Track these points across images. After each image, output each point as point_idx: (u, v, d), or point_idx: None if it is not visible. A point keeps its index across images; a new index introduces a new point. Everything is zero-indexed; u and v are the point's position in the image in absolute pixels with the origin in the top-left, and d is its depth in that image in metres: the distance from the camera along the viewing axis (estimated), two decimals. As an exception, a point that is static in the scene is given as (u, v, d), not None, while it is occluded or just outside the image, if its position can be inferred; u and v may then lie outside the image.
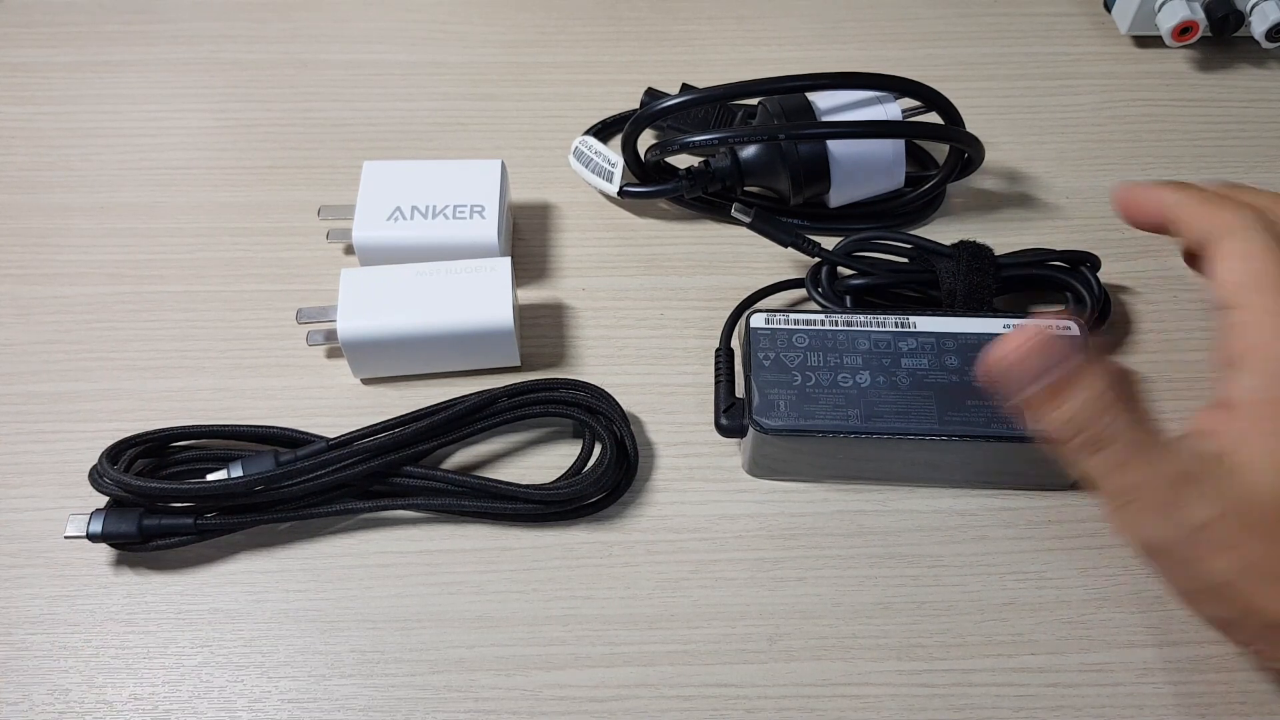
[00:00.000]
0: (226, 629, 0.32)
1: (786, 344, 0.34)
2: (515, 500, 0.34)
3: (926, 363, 0.34)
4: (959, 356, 0.34)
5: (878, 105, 0.40)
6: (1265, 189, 0.31)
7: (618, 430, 0.35)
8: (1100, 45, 0.49)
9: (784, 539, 0.34)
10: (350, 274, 0.36)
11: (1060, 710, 0.31)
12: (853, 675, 0.32)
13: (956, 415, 0.33)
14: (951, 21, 0.50)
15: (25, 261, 0.41)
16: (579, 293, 0.40)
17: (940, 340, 0.34)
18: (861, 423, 0.32)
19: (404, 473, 0.34)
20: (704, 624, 0.32)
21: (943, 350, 0.34)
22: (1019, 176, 0.44)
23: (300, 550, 0.34)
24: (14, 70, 0.47)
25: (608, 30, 0.49)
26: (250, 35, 0.49)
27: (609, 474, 0.34)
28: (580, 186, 0.43)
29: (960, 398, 0.33)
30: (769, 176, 0.40)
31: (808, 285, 0.38)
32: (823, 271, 0.38)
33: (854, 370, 0.33)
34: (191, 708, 0.31)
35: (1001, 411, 0.32)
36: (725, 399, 0.35)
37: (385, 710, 0.31)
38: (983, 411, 0.33)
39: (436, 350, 0.36)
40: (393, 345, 0.36)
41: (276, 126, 0.45)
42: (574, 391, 0.35)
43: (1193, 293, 0.39)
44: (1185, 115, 0.46)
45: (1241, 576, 0.25)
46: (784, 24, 0.50)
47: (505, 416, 0.35)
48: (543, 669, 0.32)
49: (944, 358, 0.34)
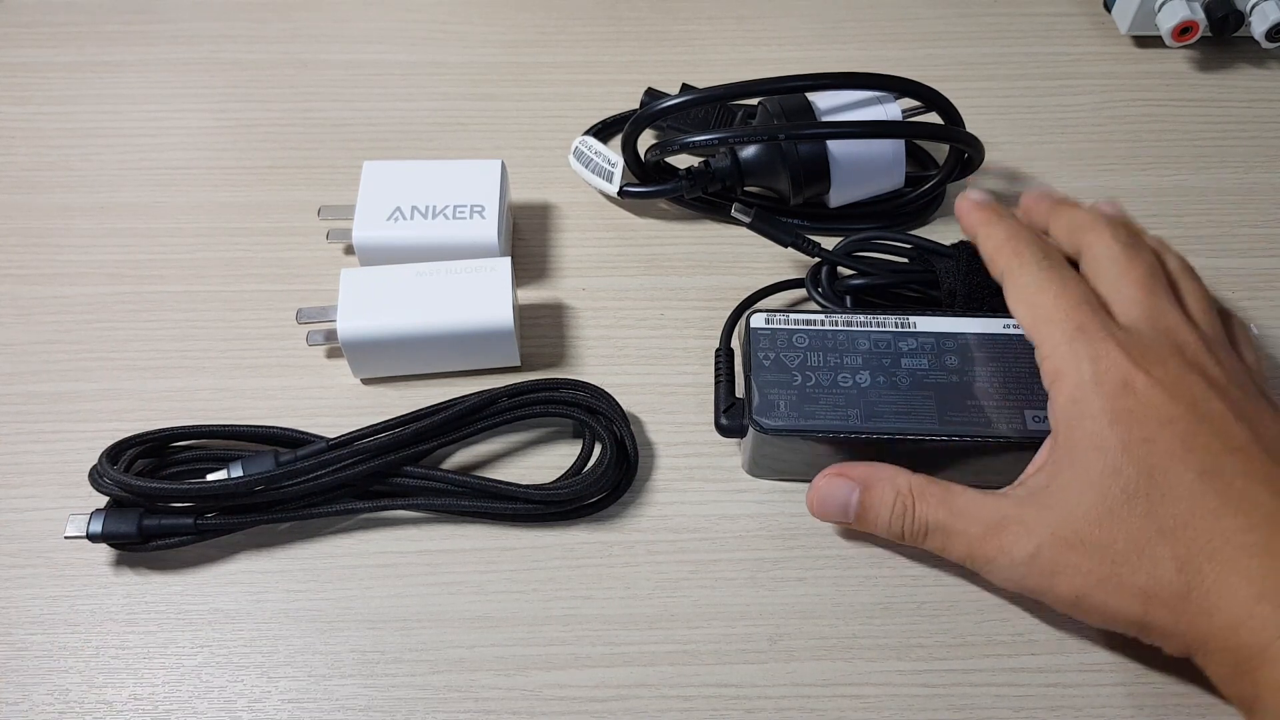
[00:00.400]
0: (226, 629, 0.32)
1: (787, 344, 0.34)
2: (515, 500, 0.34)
3: (927, 363, 0.34)
4: (959, 356, 0.34)
5: (878, 105, 0.40)
6: (1086, 205, 0.34)
7: (618, 430, 0.35)
8: (1100, 45, 0.49)
9: (784, 539, 0.34)
10: (350, 274, 0.36)
11: (1060, 710, 0.31)
12: (853, 675, 0.32)
13: (957, 415, 0.32)
14: (951, 21, 0.50)
15: (25, 261, 0.41)
16: (579, 293, 0.40)
17: (940, 340, 0.34)
18: (861, 423, 0.32)
19: (404, 473, 0.34)
20: (704, 624, 0.32)
21: (943, 350, 0.34)
22: (1019, 176, 0.44)
23: (300, 550, 0.34)
24: (14, 70, 0.47)
25: (608, 30, 0.49)
26: (250, 35, 0.49)
27: (609, 474, 0.34)
28: (580, 186, 0.43)
29: (960, 398, 0.33)
30: (769, 176, 0.40)
31: (807, 285, 0.38)
32: (822, 271, 0.38)
33: (854, 370, 0.33)
34: (191, 708, 0.31)
35: (1003, 412, 0.32)
36: (725, 399, 0.35)
37: (385, 710, 0.31)
38: (983, 412, 0.33)
39: (436, 350, 0.36)
40: (393, 345, 0.36)
41: (276, 126, 0.45)
42: (574, 391, 0.35)
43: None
44: (1185, 115, 0.46)
45: (1090, 590, 0.28)
46: (784, 24, 0.50)
47: (505, 416, 0.35)
48: (543, 669, 0.32)
49: (944, 358, 0.34)
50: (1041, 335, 0.30)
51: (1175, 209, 0.43)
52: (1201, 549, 0.27)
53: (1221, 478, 0.28)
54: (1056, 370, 0.30)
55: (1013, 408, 0.32)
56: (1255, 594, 0.26)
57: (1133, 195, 0.43)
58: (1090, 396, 0.29)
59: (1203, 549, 0.27)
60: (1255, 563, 0.27)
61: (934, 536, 0.31)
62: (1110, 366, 0.29)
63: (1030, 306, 0.31)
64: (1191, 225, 0.43)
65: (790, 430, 0.32)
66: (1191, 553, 0.27)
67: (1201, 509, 0.27)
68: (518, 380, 0.35)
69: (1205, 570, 0.27)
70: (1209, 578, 0.27)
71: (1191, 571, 0.27)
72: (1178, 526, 0.28)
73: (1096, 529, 0.28)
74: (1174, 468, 0.28)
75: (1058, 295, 0.30)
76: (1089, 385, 0.29)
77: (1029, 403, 0.32)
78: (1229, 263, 0.41)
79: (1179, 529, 0.27)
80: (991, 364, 0.33)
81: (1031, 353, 0.32)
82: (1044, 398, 0.31)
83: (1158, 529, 0.28)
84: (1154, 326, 0.30)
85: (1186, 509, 0.27)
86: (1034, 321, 0.31)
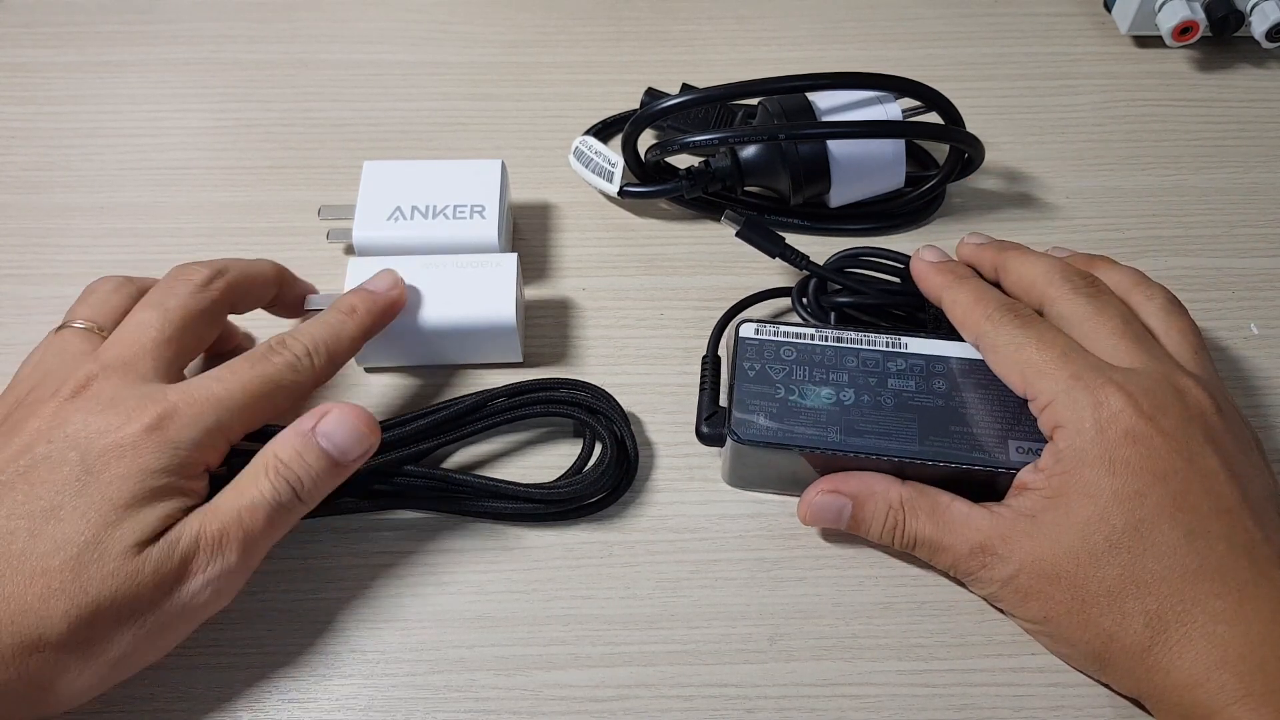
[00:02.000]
0: (227, 629, 0.32)
1: (774, 355, 0.34)
2: (516, 499, 0.34)
3: (914, 384, 0.33)
4: (948, 381, 0.33)
5: (878, 105, 0.40)
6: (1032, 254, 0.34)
7: (618, 430, 0.35)
8: (1100, 45, 0.49)
9: (784, 539, 0.34)
10: (357, 263, 0.36)
11: (1060, 710, 0.31)
12: (853, 675, 0.32)
13: (938, 440, 0.32)
14: (951, 21, 0.50)
15: (25, 261, 0.41)
16: (579, 293, 0.40)
17: (930, 363, 0.34)
18: (840, 440, 0.32)
19: (405, 472, 0.34)
20: (704, 624, 0.32)
21: (932, 373, 0.33)
22: (1019, 176, 0.44)
23: (300, 550, 0.34)
24: (14, 70, 0.47)
25: (608, 30, 0.49)
26: (250, 35, 0.49)
27: (609, 473, 0.34)
28: (580, 186, 0.43)
29: (944, 422, 0.32)
30: (769, 176, 0.40)
31: (793, 298, 0.38)
32: (810, 285, 0.38)
33: (839, 387, 0.33)
34: (192, 708, 0.31)
35: (987, 440, 0.32)
36: (708, 407, 0.35)
37: (385, 710, 0.31)
38: (966, 439, 0.32)
39: (439, 342, 0.36)
40: (396, 335, 0.36)
41: (276, 126, 0.45)
42: (574, 391, 0.35)
43: (1191, 294, 0.39)
44: (1185, 115, 0.46)
45: (1057, 617, 0.29)
46: (784, 24, 0.50)
47: (506, 416, 0.35)
48: (543, 669, 0.32)
49: (932, 381, 0.33)
50: (1037, 389, 0.30)
51: (1175, 209, 0.43)
52: (1172, 608, 0.28)
53: (1206, 540, 0.28)
54: (1056, 418, 0.30)
55: (997, 436, 0.32)
56: (1217, 659, 0.27)
57: (1133, 195, 0.43)
58: (1090, 444, 0.29)
59: (1173, 608, 0.28)
60: (1222, 629, 0.27)
61: (922, 549, 0.32)
62: (1114, 414, 0.29)
63: (1017, 365, 0.31)
64: (1191, 225, 0.43)
65: (767, 442, 0.32)
66: (1162, 609, 0.28)
67: (1180, 569, 0.28)
68: (519, 378, 0.35)
69: (1172, 629, 0.28)
70: (1174, 637, 0.28)
71: (1158, 628, 0.28)
72: (1154, 581, 0.28)
73: (1074, 567, 0.29)
74: (1162, 525, 0.28)
75: (1040, 349, 0.31)
76: (1090, 432, 0.29)
77: (1014, 432, 0.32)
78: (1229, 263, 0.41)
79: (1154, 584, 0.28)
80: (980, 390, 0.33)
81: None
82: (1030, 428, 0.32)
83: (1134, 581, 0.28)
84: (1150, 372, 0.30)
85: (1166, 566, 0.28)
86: (1025, 378, 0.31)
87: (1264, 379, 0.38)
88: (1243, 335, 0.39)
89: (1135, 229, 0.42)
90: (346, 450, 0.30)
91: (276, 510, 0.29)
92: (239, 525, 0.28)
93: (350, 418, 0.30)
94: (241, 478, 0.29)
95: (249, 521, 0.28)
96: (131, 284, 0.34)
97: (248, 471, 0.29)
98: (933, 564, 0.32)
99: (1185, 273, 0.41)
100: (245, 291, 0.34)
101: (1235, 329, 0.39)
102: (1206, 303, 0.40)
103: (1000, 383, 0.32)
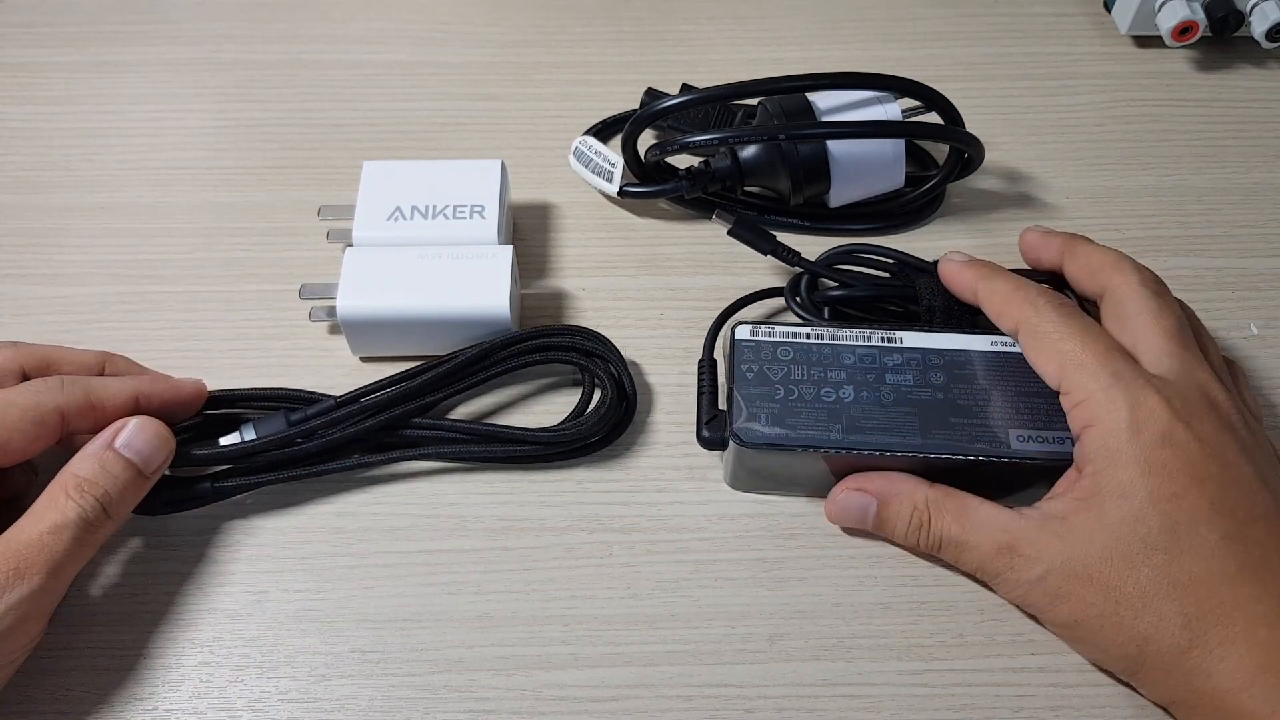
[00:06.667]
0: (226, 629, 0.32)
1: (771, 356, 0.34)
2: (523, 443, 0.35)
3: (911, 379, 0.33)
4: (945, 374, 0.33)
5: (878, 105, 0.40)
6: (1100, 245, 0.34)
7: (615, 370, 0.35)
8: (1100, 45, 0.49)
9: (784, 539, 0.34)
10: (354, 253, 0.37)
11: (1060, 710, 0.31)
12: (853, 675, 0.32)
13: (940, 433, 0.32)
14: (951, 21, 0.50)
15: (25, 261, 0.41)
16: (579, 293, 0.40)
17: (926, 356, 0.34)
18: (843, 438, 0.32)
19: (413, 424, 0.35)
20: (704, 624, 0.32)
21: (929, 367, 0.33)
22: (1019, 176, 0.44)
23: (300, 550, 0.34)
24: (14, 70, 0.47)
25: (608, 30, 0.49)
26: (250, 35, 0.49)
27: (612, 412, 0.35)
28: (580, 186, 0.43)
29: (944, 415, 0.32)
30: (769, 176, 0.40)
31: (786, 295, 0.38)
32: (802, 282, 0.37)
33: (838, 385, 0.33)
34: (191, 708, 0.31)
35: (987, 431, 0.32)
36: (707, 411, 0.35)
37: (385, 710, 0.31)
38: (967, 430, 0.32)
39: (433, 332, 0.36)
40: (390, 325, 0.36)
41: (276, 126, 0.45)
42: (571, 337, 0.36)
43: (1191, 294, 0.39)
44: (1185, 115, 0.46)
45: (1089, 620, 0.29)
46: (784, 24, 0.50)
47: (507, 365, 0.36)
48: (543, 669, 0.32)
49: (930, 374, 0.33)
50: (1073, 382, 0.30)
51: (1175, 209, 0.43)
52: (1212, 610, 0.27)
53: (1244, 544, 0.28)
54: (1090, 415, 0.30)
55: (997, 426, 0.32)
56: (1260, 664, 0.27)
57: (1133, 195, 0.43)
58: (1125, 445, 0.29)
59: (1213, 611, 0.27)
60: (1264, 633, 0.27)
61: (948, 549, 0.32)
62: (1150, 416, 0.29)
63: (1057, 354, 0.31)
64: (1191, 225, 0.43)
65: (771, 444, 0.32)
66: (1201, 612, 0.27)
67: (1219, 572, 0.27)
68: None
69: (1212, 632, 0.27)
70: (1214, 640, 0.27)
71: (1197, 630, 0.27)
72: (1192, 583, 0.28)
73: (1108, 569, 0.28)
74: (1199, 528, 0.28)
75: (1084, 342, 0.30)
76: (1125, 433, 0.29)
77: (1014, 422, 0.32)
78: (1229, 263, 0.41)
79: (1192, 586, 0.28)
80: (977, 382, 0.33)
81: (1018, 371, 0.32)
82: (1029, 417, 0.32)
83: (1170, 583, 0.28)
84: (1187, 380, 0.30)
85: (1204, 569, 0.28)
86: (1062, 368, 0.30)
87: (1264, 379, 0.38)
88: (1243, 335, 0.39)
89: (1135, 229, 0.42)
90: (149, 459, 0.31)
91: (83, 529, 0.29)
92: (41, 550, 0.28)
93: (150, 426, 0.31)
94: (37, 504, 0.29)
95: (52, 544, 0.28)
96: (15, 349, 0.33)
97: (43, 497, 0.29)
98: (958, 565, 0.32)
99: (1185, 273, 0.41)
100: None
101: (1235, 329, 0.39)
102: (1206, 303, 0.39)
103: (996, 373, 0.32)
